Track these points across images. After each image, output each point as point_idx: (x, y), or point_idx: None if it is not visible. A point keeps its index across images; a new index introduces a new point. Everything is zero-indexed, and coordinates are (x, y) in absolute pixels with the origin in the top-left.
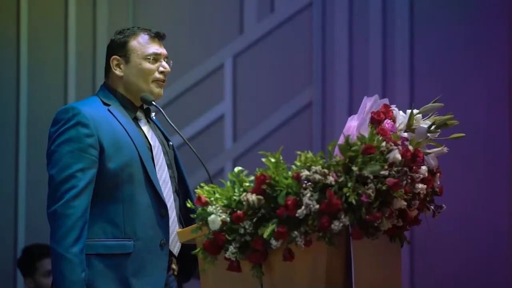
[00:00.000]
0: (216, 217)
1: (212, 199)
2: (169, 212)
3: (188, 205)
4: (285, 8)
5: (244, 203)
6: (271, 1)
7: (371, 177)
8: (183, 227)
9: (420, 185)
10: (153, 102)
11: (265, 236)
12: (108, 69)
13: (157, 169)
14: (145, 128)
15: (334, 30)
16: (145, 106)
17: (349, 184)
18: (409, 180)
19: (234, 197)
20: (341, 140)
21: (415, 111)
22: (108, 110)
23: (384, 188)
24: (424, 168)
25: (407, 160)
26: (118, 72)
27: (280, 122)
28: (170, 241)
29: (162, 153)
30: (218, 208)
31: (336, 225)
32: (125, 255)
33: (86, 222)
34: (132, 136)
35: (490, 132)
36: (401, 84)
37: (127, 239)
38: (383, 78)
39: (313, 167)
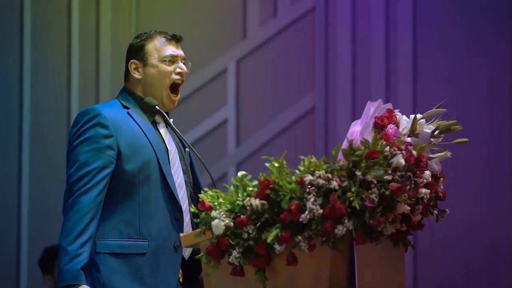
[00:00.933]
0: (220, 222)
1: (216, 203)
2: (184, 215)
3: (192, 209)
4: (288, 13)
5: (247, 207)
6: (274, 6)
7: (375, 181)
8: None
9: (424, 190)
10: (156, 107)
11: (268, 240)
12: (127, 73)
13: (172, 172)
14: (163, 132)
15: (337, 35)
16: (164, 111)
17: (353, 189)
18: (413, 185)
19: (238, 202)
20: (344, 145)
21: (418, 116)
22: (128, 113)
23: (387, 192)
24: (427, 173)
25: (410, 165)
26: (136, 75)
27: (283, 127)
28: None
29: (178, 157)
30: (222, 212)
31: (339, 230)
32: (140, 255)
33: (94, 218)
34: (150, 139)
35: (493, 137)
36: (404, 89)
37: (142, 240)
38: (386, 83)
39: (316, 171)
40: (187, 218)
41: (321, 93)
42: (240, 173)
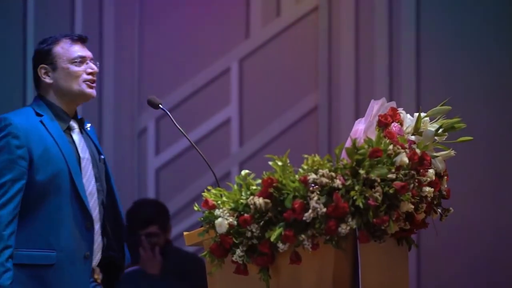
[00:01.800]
0: (223, 220)
1: (219, 202)
2: (94, 224)
3: (196, 208)
4: (291, 12)
5: (251, 206)
6: (277, 5)
7: (378, 180)
8: (107, 240)
9: (428, 188)
10: (160, 106)
11: (272, 239)
12: (37, 79)
13: (84, 180)
14: (77, 139)
15: (340, 34)
16: (79, 116)
17: (356, 188)
18: (416, 183)
19: (241, 201)
20: (348, 144)
21: (422, 114)
22: (40, 121)
23: (391, 191)
24: (431, 171)
25: (414, 163)
26: (47, 80)
27: (287, 126)
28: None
29: (91, 165)
30: (225, 211)
31: (343, 229)
32: (47, 266)
33: (14, 232)
34: (62, 148)
35: (497, 136)
36: (408, 87)
37: (50, 250)
38: (389, 81)
39: (320, 170)
40: (97, 226)
41: (324, 92)
42: (243, 172)
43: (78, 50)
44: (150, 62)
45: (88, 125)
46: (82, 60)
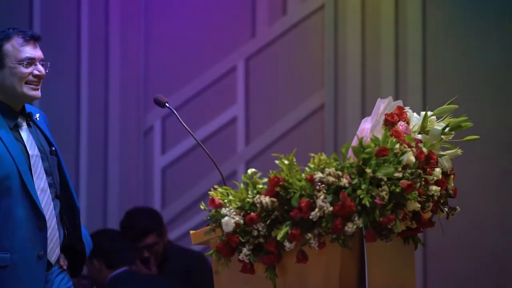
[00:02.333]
0: (230, 219)
1: (226, 201)
2: (49, 221)
3: (202, 207)
4: (297, 11)
5: (257, 205)
6: (283, 4)
7: (385, 179)
8: (66, 232)
9: (434, 187)
10: (166, 104)
11: (278, 238)
12: None
13: (34, 178)
14: (25, 136)
15: (346, 33)
16: (27, 111)
17: (363, 186)
18: (423, 182)
19: (248, 199)
20: (354, 142)
21: (429, 113)
22: None
23: (397, 190)
24: (438, 170)
25: (421, 162)
26: None
27: (293, 125)
28: (48, 250)
29: (40, 160)
30: (232, 210)
31: (349, 227)
32: (1, 267)
33: None
34: (10, 148)
35: (504, 134)
36: (414, 86)
37: (4, 252)
38: (395, 80)
39: (326, 169)
40: (53, 223)
41: (331, 91)
42: (250, 171)
43: (28, 50)
44: (156, 61)
45: (37, 115)
46: (31, 62)
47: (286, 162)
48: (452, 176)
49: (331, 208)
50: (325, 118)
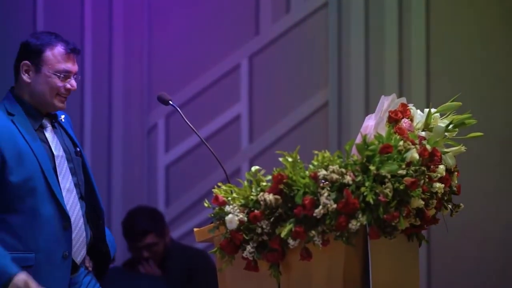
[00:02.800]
0: (234, 217)
1: (230, 198)
2: (75, 221)
3: (206, 204)
4: (300, 9)
5: (261, 202)
6: (287, 1)
7: (389, 176)
8: (92, 232)
9: (438, 184)
10: (170, 102)
11: (282, 235)
12: (16, 72)
13: (60, 179)
14: (50, 137)
15: (350, 30)
16: (52, 112)
17: (367, 184)
18: (427, 179)
19: (251, 197)
20: (358, 140)
21: (433, 110)
22: (12, 120)
23: (401, 187)
24: (441, 167)
25: (424, 159)
26: (25, 77)
27: (296, 122)
28: (73, 251)
29: (66, 161)
30: (236, 207)
31: (353, 225)
32: (25, 267)
33: None
34: (34, 149)
35: (508, 131)
36: (418, 83)
37: (28, 252)
38: (399, 77)
39: (330, 166)
40: (79, 223)
41: (334, 88)
42: (253, 168)
43: (68, 64)
44: (159, 59)
45: (62, 116)
46: (66, 75)
47: (289, 159)
48: (456, 173)
49: (334, 206)
50: (329, 116)
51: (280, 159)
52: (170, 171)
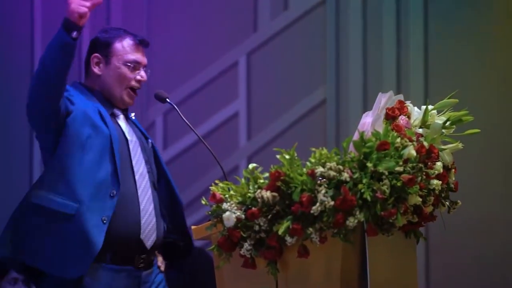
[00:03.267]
0: (231, 214)
1: (227, 196)
2: (146, 206)
3: (203, 202)
4: (298, 6)
5: (258, 200)
6: None
7: (386, 173)
8: (163, 221)
9: (435, 181)
10: (167, 100)
11: (280, 232)
12: (87, 65)
13: (134, 162)
14: (123, 124)
15: (348, 27)
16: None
17: (364, 181)
18: (424, 176)
19: (249, 194)
20: (355, 137)
21: (430, 107)
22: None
23: (399, 184)
24: (439, 164)
25: (422, 156)
26: (96, 70)
27: (294, 120)
28: (144, 233)
29: (139, 147)
30: (233, 205)
31: (351, 222)
32: (65, 215)
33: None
34: (107, 121)
35: (505, 128)
36: (415, 80)
37: (73, 201)
38: (397, 74)
39: (327, 163)
40: (150, 207)
41: (332, 86)
42: (251, 165)
43: (137, 54)
44: (157, 56)
45: (132, 114)
46: (136, 66)
47: (287, 156)
48: (453, 170)
49: (332, 203)
50: (327, 113)
51: (278, 156)
52: (168, 168)
